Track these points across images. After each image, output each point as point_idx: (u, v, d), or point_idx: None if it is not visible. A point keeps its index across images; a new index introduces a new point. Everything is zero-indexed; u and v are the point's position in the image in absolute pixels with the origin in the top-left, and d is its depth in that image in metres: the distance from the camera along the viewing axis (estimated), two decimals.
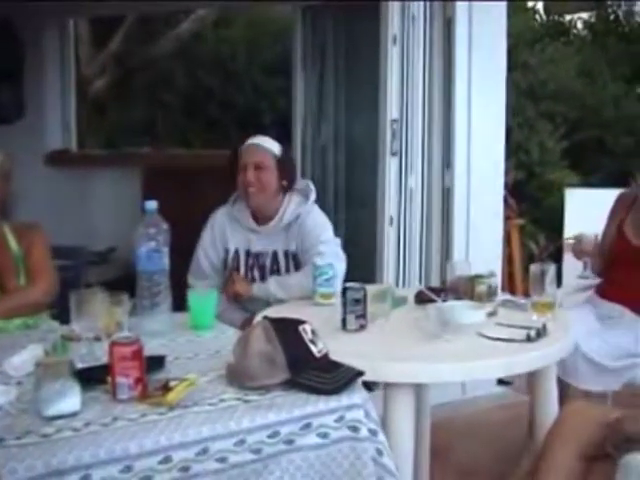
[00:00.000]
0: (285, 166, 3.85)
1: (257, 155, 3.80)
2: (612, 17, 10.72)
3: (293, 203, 3.86)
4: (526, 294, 3.44)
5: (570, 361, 3.50)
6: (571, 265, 5.46)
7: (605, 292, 3.96)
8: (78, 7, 7.16)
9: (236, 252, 3.91)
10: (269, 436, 2.02)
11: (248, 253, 3.89)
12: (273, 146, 3.83)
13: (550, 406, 3.22)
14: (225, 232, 3.93)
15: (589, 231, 4.17)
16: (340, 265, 3.68)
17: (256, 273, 3.88)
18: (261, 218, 3.88)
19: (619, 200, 4.11)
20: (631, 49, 9.97)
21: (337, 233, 3.96)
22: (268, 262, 3.87)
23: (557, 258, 6.28)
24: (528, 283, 3.29)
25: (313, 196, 3.92)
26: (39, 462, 1.78)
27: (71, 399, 2.02)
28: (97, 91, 9.77)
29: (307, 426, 2.07)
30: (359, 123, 5.19)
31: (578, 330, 3.37)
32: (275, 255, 3.85)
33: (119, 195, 6.98)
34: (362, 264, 4.84)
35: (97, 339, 2.49)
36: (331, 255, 3.67)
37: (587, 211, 5.85)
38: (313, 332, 2.26)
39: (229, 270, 3.91)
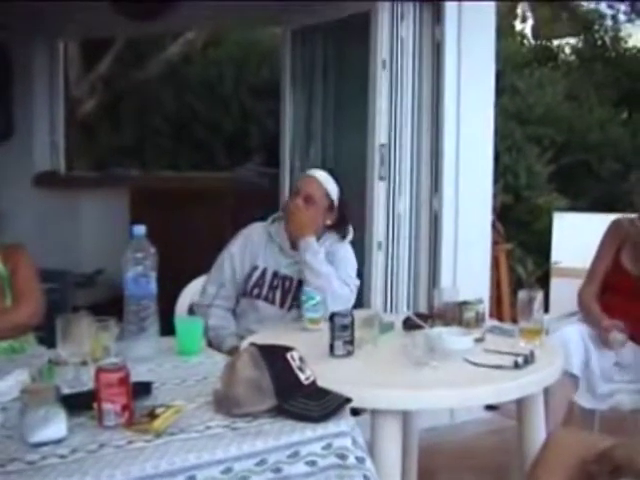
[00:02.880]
0: (333, 209, 3.86)
1: (311, 188, 3.83)
2: (599, 42, 10.78)
3: (329, 240, 3.87)
4: (514, 319, 3.44)
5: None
6: (559, 290, 5.49)
7: None
8: (68, 29, 7.17)
9: (264, 271, 3.86)
10: (256, 464, 2.01)
11: (276, 274, 3.85)
12: (330, 186, 3.86)
13: (537, 431, 3.21)
14: (258, 248, 3.89)
15: (576, 256, 4.20)
16: (344, 301, 3.65)
17: (278, 295, 3.83)
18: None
19: (613, 228, 4.12)
20: (617, 74, 10.02)
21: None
22: (293, 287, 3.82)
23: (545, 282, 6.28)
24: (516, 308, 3.30)
25: (349, 237, 3.94)
26: None
27: (57, 425, 2.00)
28: (86, 113, 9.76)
29: (295, 454, 2.06)
30: (347, 147, 5.19)
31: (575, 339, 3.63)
32: (300, 283, 3.77)
33: (107, 217, 6.97)
34: None
35: (84, 364, 2.48)
36: (345, 289, 3.71)
37: (575, 235, 5.86)
38: (301, 359, 2.26)
39: (250, 288, 3.88)
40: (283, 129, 5.58)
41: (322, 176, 3.87)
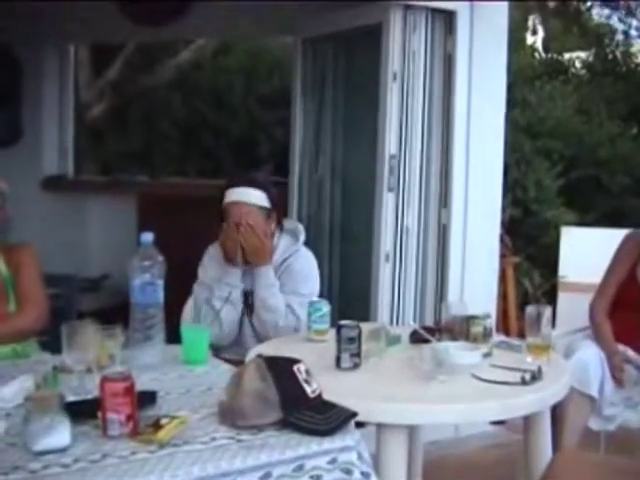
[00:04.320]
0: (272, 212, 3.77)
1: (243, 215, 3.68)
2: (610, 57, 10.77)
3: (281, 246, 3.83)
4: (520, 332, 3.42)
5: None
6: (566, 305, 5.47)
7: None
8: (79, 33, 7.18)
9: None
10: (261, 478, 1.99)
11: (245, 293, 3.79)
12: (257, 197, 3.72)
13: (544, 447, 3.19)
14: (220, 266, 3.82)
15: (584, 271, 4.18)
16: (286, 334, 3.62)
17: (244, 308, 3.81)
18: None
19: (629, 241, 4.08)
20: (628, 89, 10.00)
21: (331, 268, 3.94)
22: (250, 300, 3.78)
23: (551, 296, 6.26)
24: (523, 321, 3.28)
25: (302, 238, 3.90)
26: None
27: (60, 434, 1.99)
28: (94, 117, 9.77)
29: (300, 468, 2.04)
30: (357, 157, 5.17)
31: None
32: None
33: (114, 223, 6.96)
34: (356, 300, 4.82)
35: (89, 371, 2.47)
36: (291, 320, 3.67)
37: (582, 250, 5.85)
38: (307, 372, 2.24)
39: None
40: (293, 138, 5.56)
41: (244, 194, 3.71)
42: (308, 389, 2.20)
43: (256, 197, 3.71)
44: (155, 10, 5.98)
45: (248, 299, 3.77)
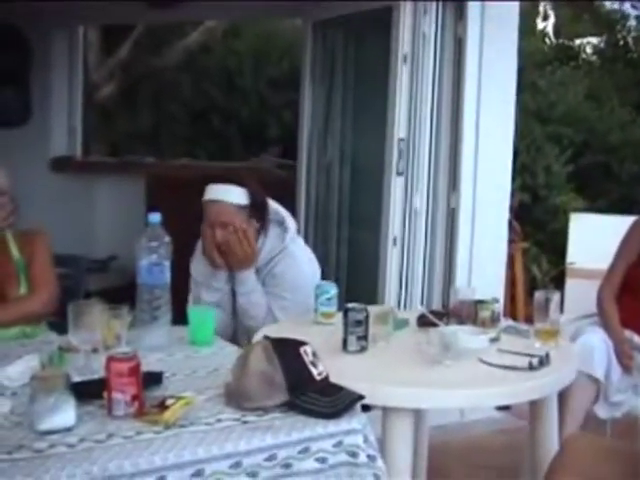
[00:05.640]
0: (255, 208, 3.49)
1: (222, 215, 3.43)
2: (621, 43, 10.72)
3: (268, 245, 3.57)
4: (528, 318, 3.40)
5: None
6: (573, 291, 5.45)
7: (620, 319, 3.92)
8: (88, 14, 7.16)
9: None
10: (266, 459, 1.99)
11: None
12: (235, 196, 3.44)
13: (550, 434, 3.18)
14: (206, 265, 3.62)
15: (592, 258, 4.16)
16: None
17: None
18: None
19: (637, 227, 4.05)
20: (639, 75, 9.97)
21: (339, 251, 3.88)
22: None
23: (559, 282, 6.24)
24: (531, 307, 3.26)
25: (291, 231, 3.62)
26: (30, 479, 1.75)
27: (66, 413, 1.99)
28: (103, 98, 9.76)
29: (305, 450, 2.04)
30: (366, 141, 5.15)
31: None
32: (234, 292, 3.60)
33: (122, 203, 6.96)
34: (364, 284, 4.81)
35: (95, 351, 2.47)
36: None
37: (591, 237, 5.83)
38: (314, 354, 2.23)
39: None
40: (301, 122, 5.54)
41: (222, 193, 3.45)
42: (314, 371, 2.19)
43: (231, 193, 3.44)
44: None
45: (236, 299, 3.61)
